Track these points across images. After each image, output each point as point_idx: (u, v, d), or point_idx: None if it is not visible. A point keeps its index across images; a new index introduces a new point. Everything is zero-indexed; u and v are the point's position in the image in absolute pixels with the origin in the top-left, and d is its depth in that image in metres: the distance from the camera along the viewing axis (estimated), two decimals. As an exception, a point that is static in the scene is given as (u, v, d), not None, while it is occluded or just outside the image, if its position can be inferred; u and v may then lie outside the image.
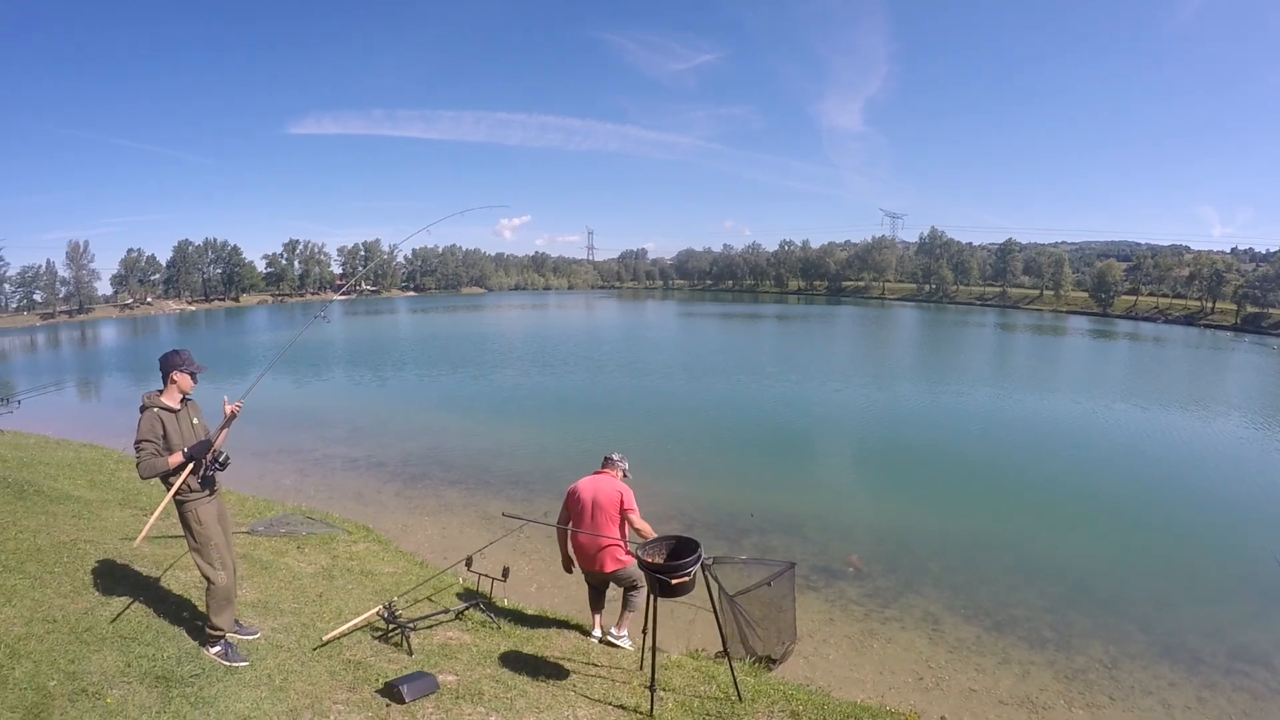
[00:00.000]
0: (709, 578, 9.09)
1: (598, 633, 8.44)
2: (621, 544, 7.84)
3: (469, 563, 8.96)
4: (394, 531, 14.57)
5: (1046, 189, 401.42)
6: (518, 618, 9.05)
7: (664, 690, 6.69)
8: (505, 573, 8.89)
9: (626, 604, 8.13)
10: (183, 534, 6.43)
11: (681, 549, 6.63)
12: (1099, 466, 21.90)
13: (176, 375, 6.36)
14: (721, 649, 6.84)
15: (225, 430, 6.46)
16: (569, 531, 7.97)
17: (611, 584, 8.22)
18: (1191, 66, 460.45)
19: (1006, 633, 11.32)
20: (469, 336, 70.53)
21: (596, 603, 8.54)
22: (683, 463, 21.14)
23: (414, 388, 38.02)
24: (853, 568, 13.50)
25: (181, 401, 6.42)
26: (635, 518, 7.83)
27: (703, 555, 6.37)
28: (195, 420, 6.46)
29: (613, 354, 52.54)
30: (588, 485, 8.01)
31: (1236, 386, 44.13)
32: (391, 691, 6.00)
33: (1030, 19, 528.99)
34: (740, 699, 6.53)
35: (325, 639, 7.02)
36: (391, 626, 7.37)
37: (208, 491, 6.37)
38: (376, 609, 7.64)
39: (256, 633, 7.00)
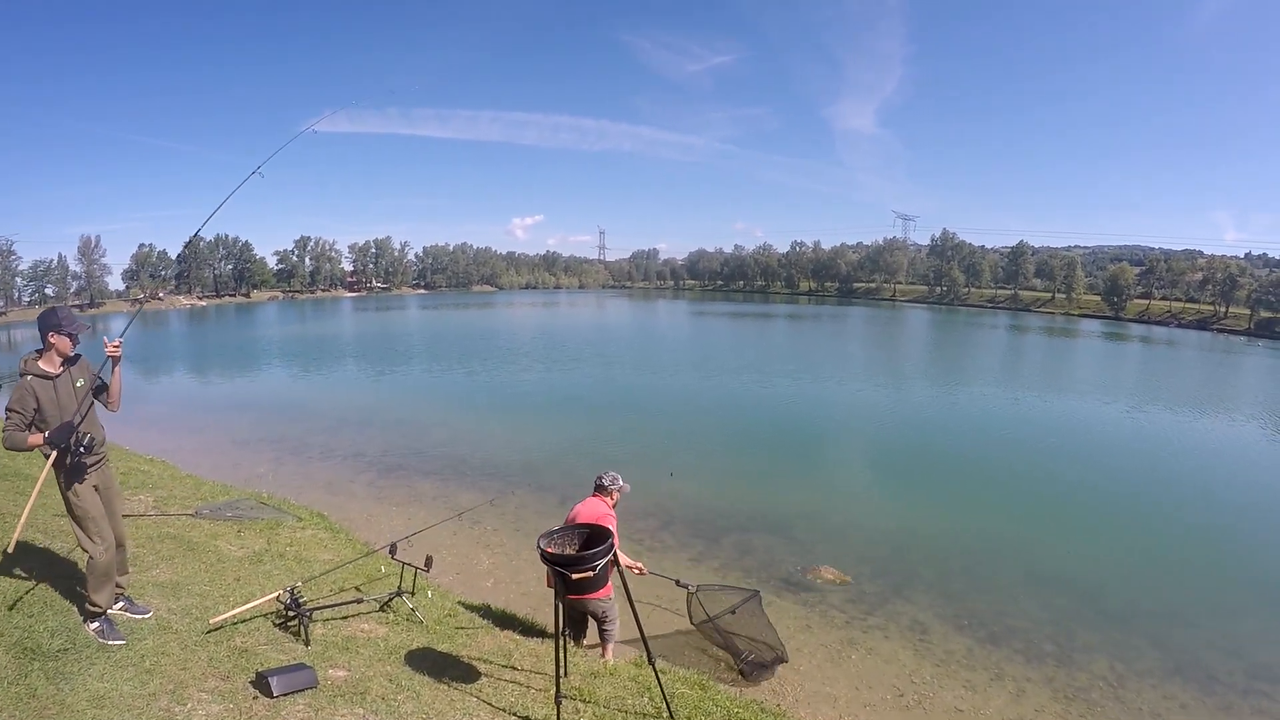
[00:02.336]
0: (696, 602, 9.53)
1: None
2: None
3: (393, 550, 8.19)
4: (357, 521, 14.00)
5: (1060, 192, 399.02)
6: (451, 612, 8.36)
7: (584, 702, 5.98)
8: (428, 562, 8.19)
9: (604, 638, 7.59)
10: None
11: (595, 539, 5.76)
12: (1112, 471, 20.94)
13: (54, 337, 5.84)
14: (645, 656, 5.91)
15: (116, 376, 6.06)
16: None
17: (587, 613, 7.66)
18: (1208, 71, 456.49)
19: (1002, 645, 10.36)
20: (476, 333, 69.86)
21: (578, 634, 7.86)
22: (673, 459, 20.18)
23: (411, 382, 37.21)
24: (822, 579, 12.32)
25: (63, 364, 5.90)
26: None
27: (615, 547, 5.67)
28: (80, 382, 5.95)
29: (618, 351, 51.78)
30: (580, 510, 7.54)
31: (1255, 391, 42.98)
32: (261, 683, 5.54)
33: (1045, 22, 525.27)
34: (671, 716, 5.72)
35: (213, 622, 6.52)
36: (292, 614, 6.77)
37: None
38: (275, 594, 7.09)
39: (148, 612, 6.54)
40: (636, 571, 7.96)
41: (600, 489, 7.75)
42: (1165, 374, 49.05)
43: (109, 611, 6.13)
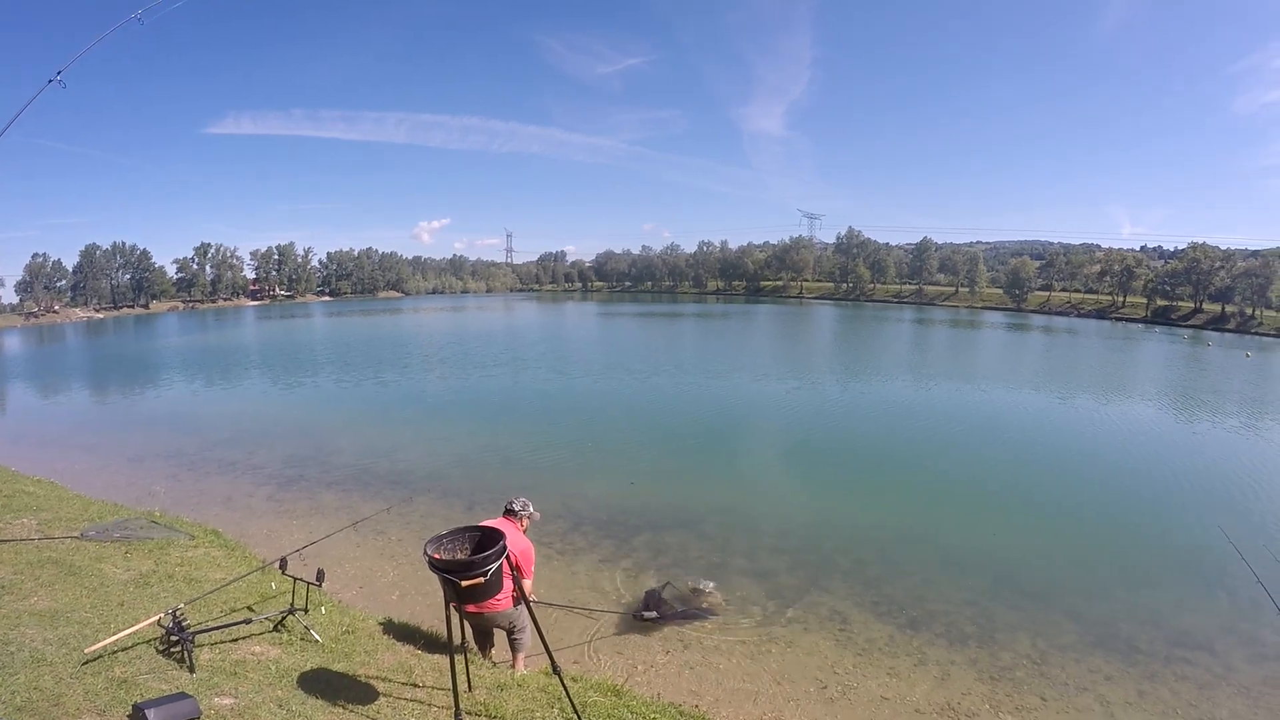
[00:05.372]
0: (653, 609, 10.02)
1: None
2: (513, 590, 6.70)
3: (283, 565, 7.61)
4: (256, 537, 13.36)
5: (962, 190, 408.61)
6: (350, 628, 7.83)
7: (489, 718, 5.61)
8: (320, 576, 7.64)
9: (514, 647, 7.31)
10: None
11: (487, 541, 5.30)
12: (1020, 456, 21.32)
13: None
14: (550, 665, 5.50)
15: None
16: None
17: (494, 627, 7.41)
18: (1107, 71, 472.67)
19: (923, 630, 10.26)
20: (383, 339, 68.15)
21: (484, 645, 7.58)
22: (583, 459, 20.00)
23: (315, 391, 35.64)
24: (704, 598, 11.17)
25: None
26: (528, 583, 6.93)
27: (506, 548, 5.20)
28: None
29: (527, 354, 50.72)
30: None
31: (1153, 374, 44.80)
32: (138, 716, 5.11)
33: (949, 21, 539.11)
34: (582, 726, 5.31)
35: (89, 652, 6.01)
36: (175, 639, 6.25)
37: None
38: (155, 617, 6.54)
39: None
40: None
41: (510, 513, 7.39)
42: (1067, 361, 50.56)
43: None
